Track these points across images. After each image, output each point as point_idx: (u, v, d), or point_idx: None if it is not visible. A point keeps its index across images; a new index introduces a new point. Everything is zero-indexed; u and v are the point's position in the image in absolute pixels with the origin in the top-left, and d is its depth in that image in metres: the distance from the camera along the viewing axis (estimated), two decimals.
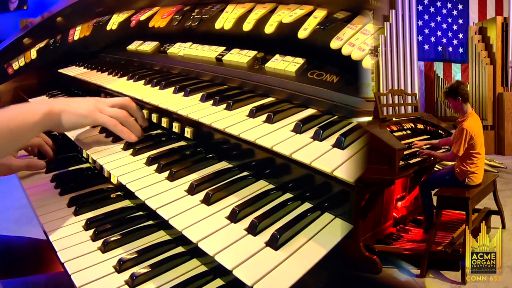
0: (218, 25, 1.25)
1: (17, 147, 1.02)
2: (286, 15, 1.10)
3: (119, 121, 1.05)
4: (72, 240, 0.87)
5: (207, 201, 0.81)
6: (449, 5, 6.37)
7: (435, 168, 3.29)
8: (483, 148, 2.71)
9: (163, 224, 0.86)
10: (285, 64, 1.06)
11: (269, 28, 1.11)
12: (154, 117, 1.18)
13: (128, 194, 0.95)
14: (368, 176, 2.31)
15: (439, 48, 6.39)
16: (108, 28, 1.76)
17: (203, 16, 1.35)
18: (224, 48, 1.26)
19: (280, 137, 0.84)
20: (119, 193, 1.05)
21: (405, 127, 3.00)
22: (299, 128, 0.86)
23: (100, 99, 1.07)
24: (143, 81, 1.34)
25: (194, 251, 0.80)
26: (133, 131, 1.08)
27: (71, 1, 1.90)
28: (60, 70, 1.92)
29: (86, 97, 1.10)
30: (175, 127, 1.10)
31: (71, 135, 1.24)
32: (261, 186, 0.88)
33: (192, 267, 0.79)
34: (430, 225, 2.72)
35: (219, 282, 0.76)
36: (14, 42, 2.03)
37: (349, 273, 0.89)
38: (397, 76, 5.26)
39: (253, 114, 0.95)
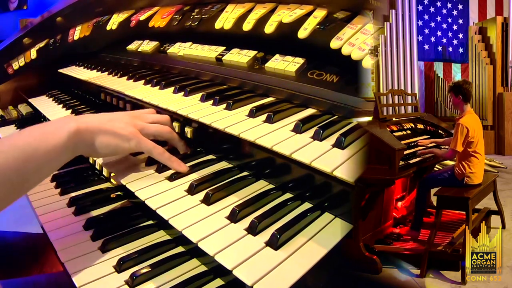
0: (218, 25, 1.25)
1: (37, 182, 0.71)
2: (286, 15, 1.10)
3: (163, 138, 0.89)
4: (72, 239, 0.87)
5: (207, 201, 0.81)
6: (449, 5, 6.38)
7: (435, 168, 3.29)
8: (482, 148, 2.71)
9: (163, 224, 0.85)
10: (285, 64, 1.06)
11: (269, 28, 1.11)
12: None
13: (128, 194, 0.95)
14: (368, 176, 2.31)
15: (439, 48, 6.40)
16: (108, 28, 1.76)
17: (203, 16, 1.35)
18: (224, 48, 1.26)
19: (280, 137, 0.84)
20: (119, 193, 1.05)
21: (405, 127, 3.01)
22: (299, 128, 0.86)
23: (136, 115, 0.87)
24: (143, 81, 1.34)
25: (194, 251, 0.80)
26: (181, 150, 0.94)
27: (71, 1, 1.90)
28: (60, 70, 1.92)
29: (118, 112, 0.88)
30: (175, 127, 1.10)
31: None
32: (261, 186, 0.88)
33: (192, 267, 0.79)
34: (419, 222, 2.73)
35: (219, 282, 0.76)
36: (14, 42, 2.03)
37: (349, 273, 0.89)
38: (397, 76, 5.27)
39: (253, 114, 0.95)
